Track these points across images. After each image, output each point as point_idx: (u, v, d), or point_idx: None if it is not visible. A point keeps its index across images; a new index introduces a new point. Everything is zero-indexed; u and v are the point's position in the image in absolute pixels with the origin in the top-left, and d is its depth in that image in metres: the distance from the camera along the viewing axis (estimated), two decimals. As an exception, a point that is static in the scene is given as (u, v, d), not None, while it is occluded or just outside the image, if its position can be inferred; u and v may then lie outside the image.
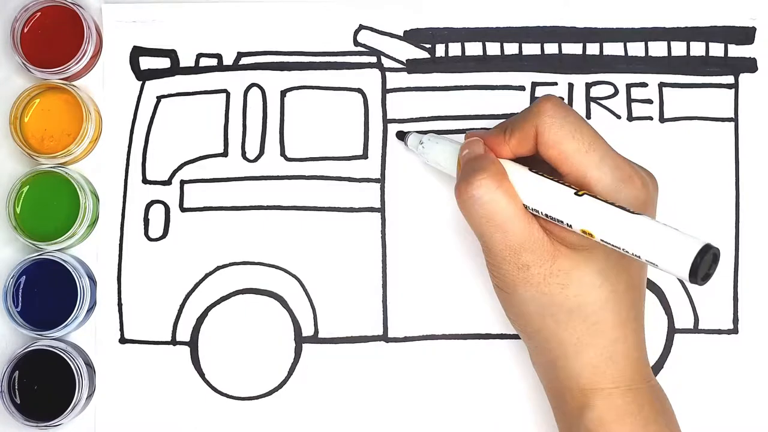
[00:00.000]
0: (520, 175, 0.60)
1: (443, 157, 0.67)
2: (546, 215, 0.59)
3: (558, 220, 0.58)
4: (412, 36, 0.74)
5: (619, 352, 0.59)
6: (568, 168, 0.58)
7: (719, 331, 0.72)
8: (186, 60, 0.74)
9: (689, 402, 0.71)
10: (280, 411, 0.72)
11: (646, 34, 0.74)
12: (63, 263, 0.69)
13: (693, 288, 0.72)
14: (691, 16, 0.74)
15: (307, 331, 0.72)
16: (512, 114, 0.72)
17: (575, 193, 0.57)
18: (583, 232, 0.56)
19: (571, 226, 0.57)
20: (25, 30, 0.71)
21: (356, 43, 0.74)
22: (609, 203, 0.56)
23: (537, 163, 0.61)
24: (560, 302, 0.59)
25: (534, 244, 0.59)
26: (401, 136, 0.71)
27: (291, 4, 0.74)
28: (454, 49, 0.74)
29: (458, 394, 0.71)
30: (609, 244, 0.55)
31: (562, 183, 0.59)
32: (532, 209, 0.59)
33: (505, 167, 0.61)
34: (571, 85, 0.73)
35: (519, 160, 0.62)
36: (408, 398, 0.71)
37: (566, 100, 0.73)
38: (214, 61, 0.73)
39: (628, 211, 0.55)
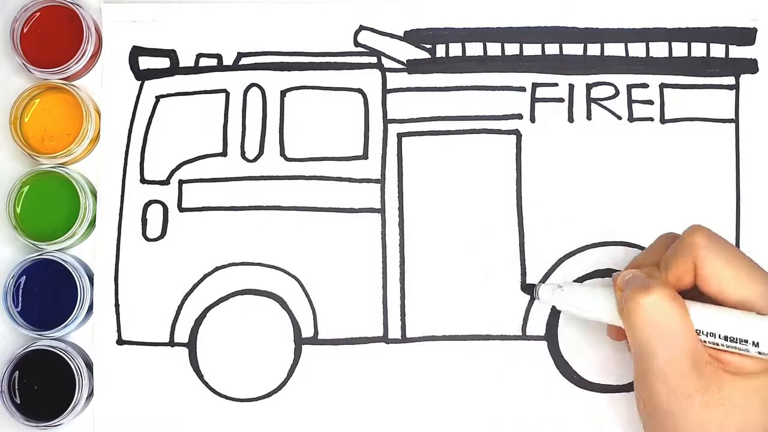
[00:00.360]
0: (687, 302, 0.57)
1: (592, 298, 0.62)
2: (725, 337, 0.56)
3: (741, 340, 0.55)
4: (413, 36, 0.74)
5: None
6: (730, 297, 0.56)
7: (720, 332, 0.72)
8: (186, 60, 0.73)
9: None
10: (279, 413, 0.71)
11: (647, 35, 0.74)
12: (63, 263, 0.69)
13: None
14: (692, 16, 0.74)
15: (307, 332, 0.72)
16: (512, 115, 0.73)
17: (758, 313, 0.56)
18: (760, 353, 0.55)
19: (758, 345, 0.55)
20: (25, 30, 0.71)
21: (356, 43, 0.74)
22: None
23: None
24: (727, 427, 0.55)
25: (702, 372, 0.55)
26: (528, 289, 0.69)
27: (291, 4, 0.74)
28: (455, 49, 0.74)
29: (458, 395, 0.71)
30: None
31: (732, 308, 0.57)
32: (706, 333, 0.56)
33: None
34: (571, 86, 0.73)
35: None
36: (408, 399, 0.71)
37: (567, 101, 0.73)
38: (213, 61, 0.73)
39: None
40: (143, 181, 0.73)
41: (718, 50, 0.74)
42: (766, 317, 0.55)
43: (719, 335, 0.56)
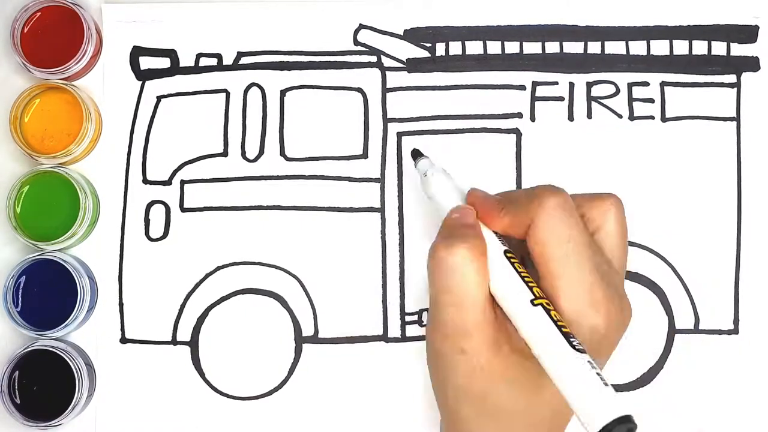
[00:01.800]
0: (494, 255, 0.56)
1: (440, 196, 0.62)
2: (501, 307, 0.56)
3: (509, 318, 0.55)
4: (413, 35, 0.73)
5: None
6: (544, 270, 0.55)
7: (720, 332, 0.72)
8: (186, 60, 0.73)
9: (689, 402, 0.71)
10: (280, 411, 0.71)
11: (647, 33, 0.73)
12: (63, 263, 0.69)
13: (694, 288, 0.72)
14: (693, 14, 0.73)
15: (307, 331, 0.72)
16: (512, 114, 0.73)
17: (531, 300, 0.54)
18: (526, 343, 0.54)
19: (517, 329, 0.54)
20: (25, 30, 0.71)
21: (356, 42, 0.73)
22: (558, 325, 0.52)
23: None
24: (485, 397, 0.56)
25: (483, 331, 0.55)
26: (415, 154, 0.67)
27: (291, 4, 0.74)
28: (455, 48, 0.73)
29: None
30: (541, 365, 0.52)
31: (527, 281, 0.55)
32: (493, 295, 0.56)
33: (486, 239, 0.57)
34: (572, 85, 0.73)
35: None
36: (408, 398, 0.71)
37: (567, 100, 0.73)
38: (214, 61, 0.73)
39: (572, 341, 0.51)
40: (145, 181, 0.73)
41: (719, 48, 0.73)
42: (537, 308, 0.53)
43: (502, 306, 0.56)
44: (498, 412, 0.56)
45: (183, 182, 0.73)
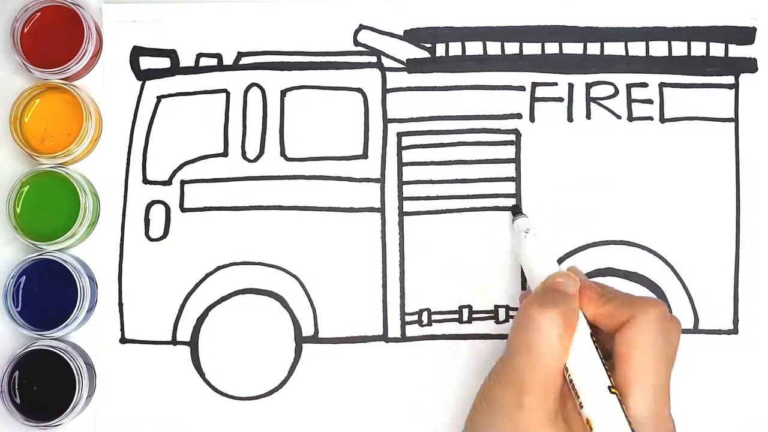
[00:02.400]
0: (582, 333, 0.59)
1: (535, 266, 0.64)
2: (571, 381, 0.58)
3: (576, 393, 0.57)
4: (413, 35, 0.74)
5: None
6: (624, 368, 0.57)
7: (719, 332, 0.72)
8: (186, 60, 0.73)
9: (689, 402, 0.71)
10: (280, 411, 0.72)
11: (646, 34, 0.74)
12: (63, 263, 0.69)
13: (693, 288, 0.72)
14: (691, 16, 0.74)
15: (307, 331, 0.72)
16: (512, 115, 0.73)
17: (609, 387, 0.57)
18: (587, 421, 0.56)
19: (582, 406, 0.57)
20: (25, 30, 0.71)
21: (356, 42, 0.74)
22: (628, 420, 0.56)
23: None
24: None
25: (545, 397, 0.57)
26: (515, 210, 0.71)
27: (291, 4, 0.74)
28: (455, 48, 0.74)
29: (458, 394, 0.71)
30: None
31: (608, 371, 0.58)
32: (567, 368, 0.58)
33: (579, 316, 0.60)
34: (571, 85, 0.73)
35: None
36: (408, 398, 0.71)
37: (566, 101, 0.73)
38: (214, 61, 0.73)
39: None
40: (146, 181, 0.73)
41: (717, 49, 0.73)
42: (612, 396, 0.57)
43: (568, 377, 0.58)
44: None
45: (183, 182, 0.73)
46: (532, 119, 0.73)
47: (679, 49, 0.74)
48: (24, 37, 0.71)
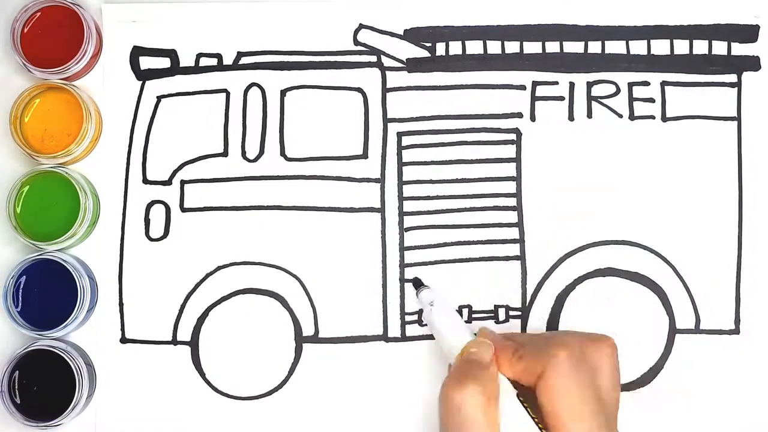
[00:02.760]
0: (507, 399, 0.59)
1: (447, 338, 0.64)
2: None
3: None
4: (413, 35, 0.73)
5: None
6: (552, 424, 0.58)
7: (721, 332, 0.72)
8: (186, 60, 0.73)
9: (690, 402, 0.71)
10: (280, 411, 0.72)
11: (648, 33, 0.73)
12: (63, 263, 0.69)
13: (695, 288, 0.72)
14: (693, 14, 0.73)
15: (308, 330, 0.72)
16: (512, 114, 0.72)
17: None
18: None
19: None
20: (25, 30, 0.71)
21: (356, 42, 0.73)
22: None
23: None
24: None
25: None
26: (417, 284, 0.70)
27: (291, 4, 0.73)
28: (455, 47, 0.73)
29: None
30: None
31: (540, 427, 0.58)
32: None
33: (500, 381, 0.60)
34: (572, 84, 0.73)
35: None
36: (408, 398, 0.71)
37: (567, 100, 0.73)
38: (214, 61, 0.73)
39: None
40: (146, 181, 0.73)
41: (720, 47, 0.73)
42: None
43: None
44: None
45: (183, 182, 0.73)
46: (532, 118, 0.73)
47: (681, 47, 0.73)
48: (24, 37, 0.71)
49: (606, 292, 0.72)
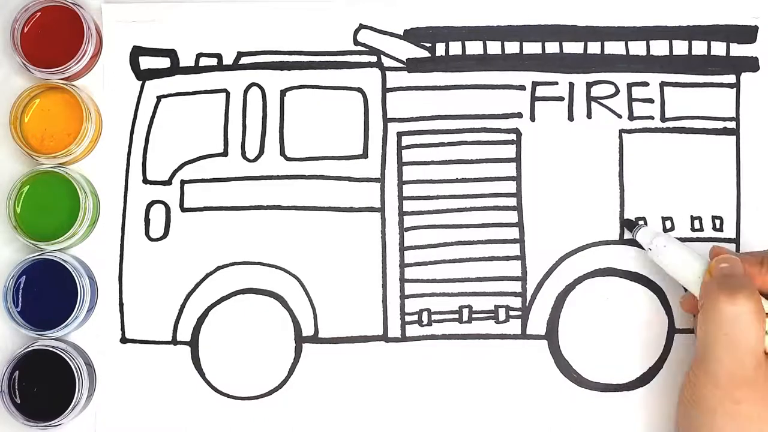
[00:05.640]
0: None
1: (685, 265, 0.65)
2: None
3: None
4: (413, 35, 0.73)
5: None
6: None
7: (720, 332, 0.72)
8: (186, 60, 0.73)
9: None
10: (280, 411, 0.72)
11: (647, 33, 0.73)
12: (63, 263, 0.69)
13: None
14: (692, 14, 0.73)
15: (308, 330, 0.72)
16: (512, 114, 0.73)
17: None
18: None
19: None
20: (25, 30, 0.71)
21: (356, 42, 0.73)
22: None
23: None
24: None
25: (758, 383, 0.58)
26: (629, 225, 0.71)
27: (291, 4, 0.74)
28: (455, 48, 0.73)
29: (458, 394, 0.71)
30: None
31: None
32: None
33: None
34: (571, 85, 0.73)
35: None
36: (407, 398, 0.71)
37: (567, 100, 0.73)
38: (214, 61, 0.73)
39: None
40: (146, 181, 0.73)
41: (718, 48, 0.73)
42: None
43: None
44: None
45: (183, 182, 0.73)
46: (532, 118, 0.73)
47: (680, 48, 0.73)
48: (24, 37, 0.71)
49: (606, 292, 0.72)
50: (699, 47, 0.73)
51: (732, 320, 0.58)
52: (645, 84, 0.73)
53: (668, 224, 0.72)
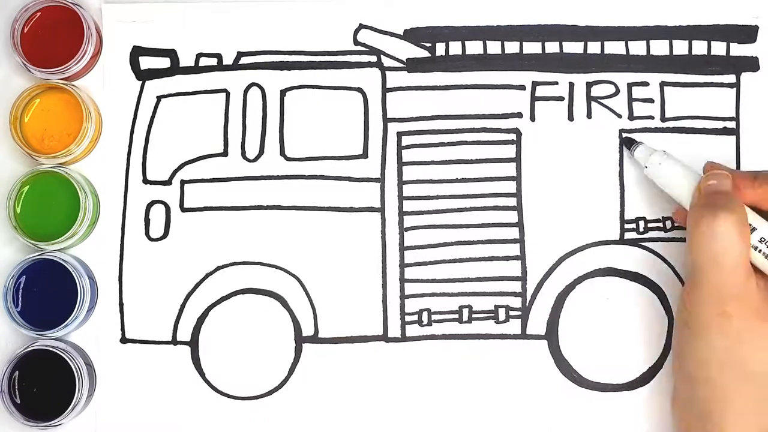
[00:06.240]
0: (759, 222, 0.62)
1: (678, 181, 0.66)
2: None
3: None
4: (413, 35, 0.73)
5: None
6: None
7: (720, 332, 0.72)
8: (186, 60, 0.73)
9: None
10: (280, 411, 0.72)
11: (647, 33, 0.73)
12: (63, 263, 0.69)
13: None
14: (692, 14, 0.73)
15: (307, 330, 0.72)
16: (512, 114, 0.73)
17: None
18: None
19: None
20: (25, 30, 0.71)
21: (356, 42, 0.73)
22: None
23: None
24: (747, 361, 0.59)
25: (747, 297, 0.59)
26: (628, 143, 0.71)
27: (291, 4, 0.74)
28: (455, 47, 0.73)
29: (458, 394, 0.71)
30: None
31: None
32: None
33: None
34: (571, 84, 0.73)
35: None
36: (407, 398, 0.71)
37: (567, 100, 0.73)
38: (213, 61, 0.73)
39: None
40: (146, 181, 0.73)
41: (719, 48, 0.73)
42: None
43: None
44: (757, 377, 0.59)
45: (183, 182, 0.73)
46: (532, 118, 0.73)
47: (680, 47, 0.73)
48: (24, 37, 0.71)
49: (606, 292, 0.72)
50: (699, 47, 0.73)
51: (714, 237, 0.59)
52: (645, 84, 0.73)
53: (668, 224, 0.72)
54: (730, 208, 0.59)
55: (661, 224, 0.72)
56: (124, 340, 0.72)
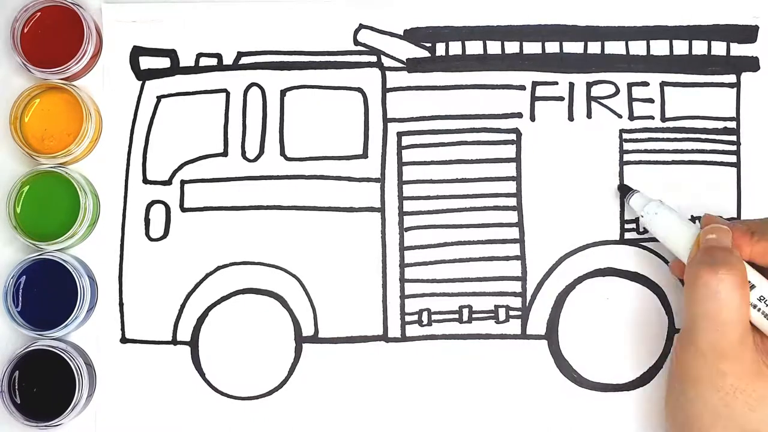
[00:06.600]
0: (758, 280, 0.61)
1: (675, 233, 0.65)
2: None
3: None
4: (413, 35, 0.73)
5: None
6: None
7: (720, 332, 0.72)
8: (186, 60, 0.73)
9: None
10: (280, 411, 0.72)
11: (647, 33, 0.73)
12: (63, 263, 0.69)
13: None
14: (693, 14, 0.73)
15: (307, 330, 0.72)
16: (512, 114, 0.73)
17: None
18: None
19: None
20: (25, 30, 0.71)
21: (356, 42, 0.73)
22: None
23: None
24: (739, 421, 0.58)
25: (743, 355, 0.58)
26: (624, 190, 0.71)
27: (291, 4, 0.74)
28: (455, 47, 0.73)
29: (458, 394, 0.71)
30: None
31: None
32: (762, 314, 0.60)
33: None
34: (572, 85, 0.73)
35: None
36: (407, 398, 0.71)
37: (567, 100, 0.73)
38: (214, 61, 0.73)
39: None
40: (146, 181, 0.73)
41: (719, 48, 0.73)
42: None
43: None
44: None
45: (183, 182, 0.73)
46: (532, 118, 0.73)
47: (681, 47, 0.73)
48: (24, 37, 0.71)
49: (606, 292, 0.72)
50: (699, 47, 0.73)
51: (713, 293, 0.58)
52: (645, 84, 0.73)
53: None
54: (731, 265, 0.58)
55: None
56: (124, 340, 0.72)
